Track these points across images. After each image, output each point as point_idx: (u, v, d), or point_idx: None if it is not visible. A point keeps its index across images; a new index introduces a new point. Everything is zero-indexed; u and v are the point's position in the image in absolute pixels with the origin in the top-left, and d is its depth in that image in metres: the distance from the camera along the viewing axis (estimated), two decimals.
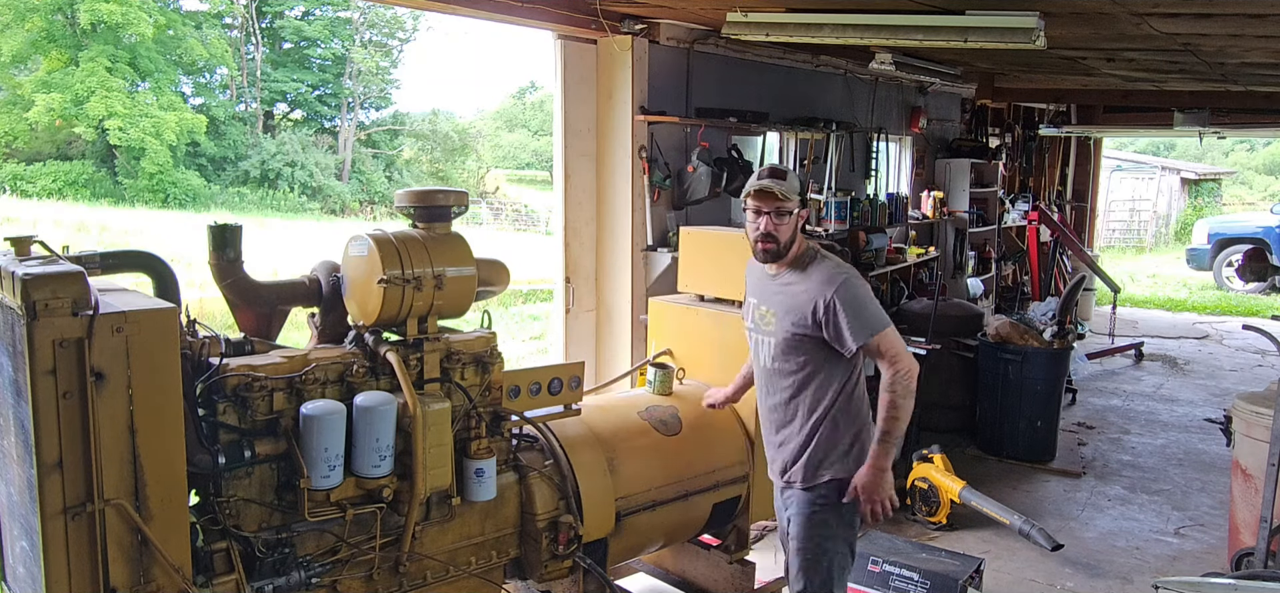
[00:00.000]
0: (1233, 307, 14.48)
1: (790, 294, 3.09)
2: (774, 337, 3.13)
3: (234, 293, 2.78)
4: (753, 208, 3.08)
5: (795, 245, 3.11)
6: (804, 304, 3.03)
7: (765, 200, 3.03)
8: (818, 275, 3.05)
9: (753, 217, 3.07)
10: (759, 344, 3.23)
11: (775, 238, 3.05)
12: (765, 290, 3.20)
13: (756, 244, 3.08)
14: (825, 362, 3.08)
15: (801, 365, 3.11)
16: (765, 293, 3.20)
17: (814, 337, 3.03)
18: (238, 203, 28.99)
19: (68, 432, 2.10)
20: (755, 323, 3.24)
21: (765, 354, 3.19)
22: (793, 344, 3.08)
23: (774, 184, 3.02)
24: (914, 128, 8.72)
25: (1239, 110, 10.18)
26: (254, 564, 2.52)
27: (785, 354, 3.11)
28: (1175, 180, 25.69)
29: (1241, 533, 4.63)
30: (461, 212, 3.00)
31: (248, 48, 33.75)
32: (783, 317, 3.09)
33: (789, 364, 3.12)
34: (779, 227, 3.04)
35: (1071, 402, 8.18)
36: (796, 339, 3.06)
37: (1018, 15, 4.50)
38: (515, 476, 3.17)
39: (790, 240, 3.08)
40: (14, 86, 28.22)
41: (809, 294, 3.02)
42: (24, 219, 18.79)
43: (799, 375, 3.12)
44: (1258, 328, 5.57)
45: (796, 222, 3.08)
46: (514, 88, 54.66)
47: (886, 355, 3.01)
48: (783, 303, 3.10)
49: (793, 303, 3.07)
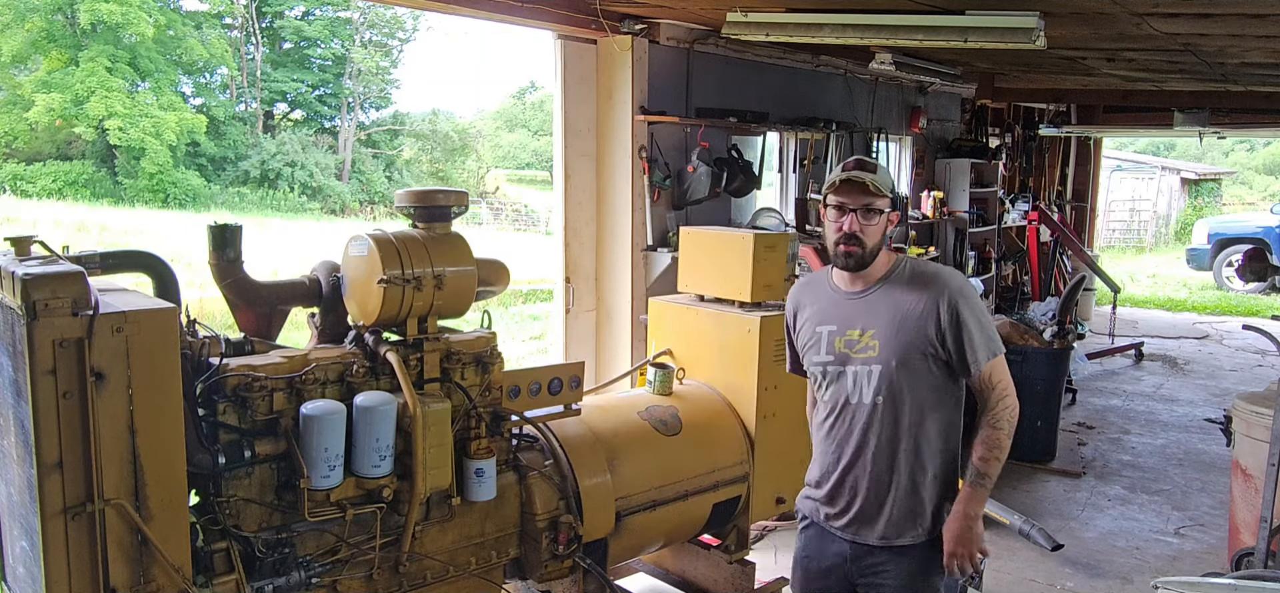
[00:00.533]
0: (1233, 307, 14.48)
1: (896, 306, 2.56)
2: (881, 364, 2.55)
3: (234, 293, 2.78)
4: (835, 203, 2.57)
5: (882, 255, 2.61)
6: (921, 315, 2.52)
7: (852, 194, 2.53)
8: (925, 280, 2.57)
9: (834, 215, 2.57)
10: (852, 379, 2.61)
11: (861, 241, 2.53)
12: (850, 311, 2.63)
13: (836, 248, 2.57)
14: (940, 388, 2.58)
15: (919, 396, 2.57)
16: (851, 313, 2.63)
17: (934, 356, 2.53)
18: (238, 203, 28.99)
19: (68, 432, 2.10)
20: (839, 353, 2.63)
21: (865, 388, 2.59)
22: (911, 369, 2.54)
23: (864, 175, 2.52)
24: (914, 128, 8.72)
25: (1239, 110, 10.17)
26: (254, 564, 2.52)
27: (899, 383, 2.55)
28: (1175, 180, 25.69)
29: (1241, 533, 4.63)
30: (461, 212, 3.00)
31: (248, 48, 33.74)
32: (893, 335, 2.54)
33: (903, 396, 2.56)
34: (866, 228, 2.53)
35: (1071, 402, 8.18)
36: (916, 361, 2.53)
37: (1018, 15, 4.50)
38: (515, 476, 3.17)
39: (877, 248, 2.57)
40: (14, 86, 28.22)
41: (924, 302, 2.53)
42: (24, 219, 18.79)
43: (915, 410, 2.57)
44: (1258, 328, 5.57)
45: (886, 225, 2.58)
46: (514, 88, 54.73)
47: (998, 384, 2.55)
48: (888, 318, 2.56)
49: (902, 316, 2.54)
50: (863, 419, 2.62)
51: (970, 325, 2.50)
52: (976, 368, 2.52)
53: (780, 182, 7.16)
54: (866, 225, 2.53)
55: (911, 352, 2.52)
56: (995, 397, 2.56)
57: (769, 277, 3.84)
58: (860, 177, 2.52)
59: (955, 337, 2.51)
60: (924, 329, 2.51)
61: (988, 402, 2.57)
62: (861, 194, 2.53)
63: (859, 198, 2.53)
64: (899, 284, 2.59)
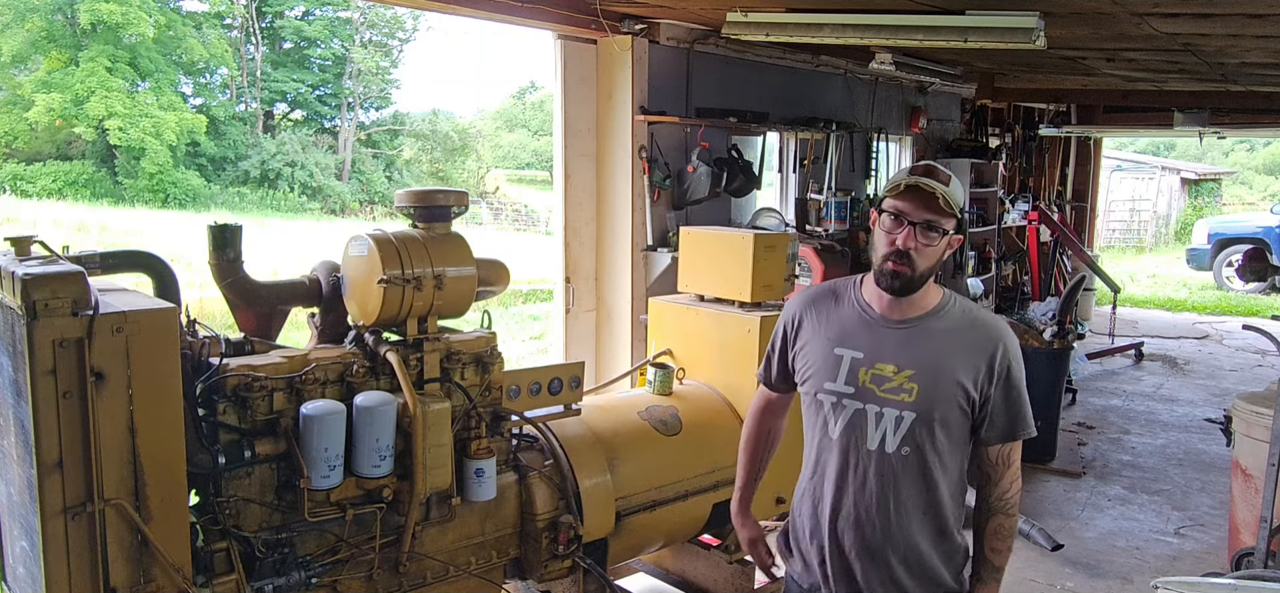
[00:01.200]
0: (1233, 307, 14.49)
1: (943, 349, 2.19)
2: (916, 411, 2.18)
3: (234, 293, 2.78)
4: (892, 209, 2.15)
5: (931, 284, 2.23)
6: (971, 360, 2.18)
7: (916, 204, 2.12)
8: (982, 327, 2.22)
9: (889, 223, 2.15)
10: (874, 420, 2.22)
11: (912, 262, 2.13)
12: (885, 341, 2.23)
13: (884, 263, 2.16)
14: (962, 448, 2.25)
15: (944, 455, 2.22)
16: (885, 344, 2.22)
17: (966, 413, 2.20)
18: (238, 203, 28.98)
19: (68, 432, 2.10)
20: (862, 386, 2.23)
21: (889, 434, 2.20)
22: (947, 424, 2.19)
23: (935, 184, 2.11)
24: (914, 128, 8.73)
25: (1239, 110, 10.18)
26: (254, 564, 2.52)
27: (931, 437, 2.19)
28: (1175, 180, 25.69)
29: (1241, 533, 4.63)
30: (461, 212, 3.00)
31: (248, 48, 33.74)
32: (935, 382, 2.17)
33: (929, 452, 2.20)
34: (923, 248, 2.13)
35: (1071, 402, 8.18)
36: (954, 416, 2.19)
37: (1018, 15, 4.50)
38: (515, 475, 3.16)
39: (929, 272, 2.18)
40: (14, 86, 28.22)
41: (976, 352, 2.18)
42: (24, 219, 18.79)
43: (940, 469, 2.22)
44: (1258, 328, 5.58)
45: (946, 249, 2.18)
46: (514, 88, 54.70)
47: (1015, 464, 2.26)
48: (933, 361, 2.18)
49: (950, 363, 2.17)
50: (878, 468, 2.23)
51: (1016, 393, 2.21)
52: (1003, 439, 2.22)
53: (780, 182, 7.16)
54: (924, 245, 2.13)
55: (952, 405, 2.18)
56: (1009, 477, 2.26)
57: (769, 277, 3.84)
58: (930, 185, 2.10)
59: (1000, 400, 2.19)
60: (968, 382, 2.17)
61: (998, 482, 2.25)
62: (927, 207, 2.11)
63: (922, 211, 2.11)
64: (950, 324, 2.22)
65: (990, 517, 2.27)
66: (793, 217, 6.85)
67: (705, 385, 3.94)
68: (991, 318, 2.28)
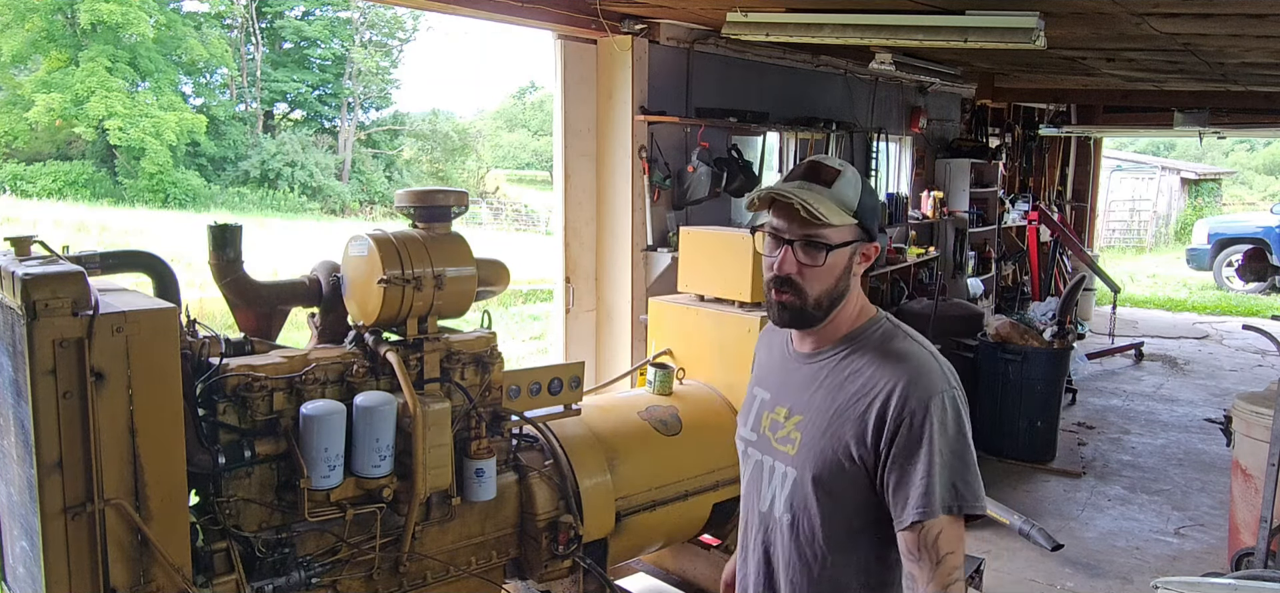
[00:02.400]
0: (1233, 307, 14.49)
1: (838, 389, 1.74)
2: (796, 470, 1.77)
3: (234, 293, 2.77)
4: (770, 229, 1.75)
5: (847, 307, 1.77)
6: (859, 407, 1.69)
7: (792, 219, 1.70)
8: (892, 359, 1.70)
9: (769, 246, 1.76)
10: (762, 472, 1.87)
11: (798, 289, 1.72)
12: (790, 379, 1.85)
13: (768, 294, 1.76)
14: (861, 523, 1.74)
15: (831, 527, 1.75)
16: (789, 382, 1.85)
17: (863, 471, 1.69)
18: (238, 203, 28.99)
19: (68, 432, 2.10)
20: (762, 434, 1.88)
21: (778, 494, 1.81)
22: (829, 489, 1.73)
23: (804, 192, 1.68)
24: (914, 128, 8.73)
25: (1239, 110, 10.18)
26: (254, 564, 2.52)
27: (813, 503, 1.75)
28: (1175, 180, 25.69)
29: (1241, 533, 4.63)
30: (461, 212, 3.00)
31: (248, 48, 33.75)
32: (820, 433, 1.74)
33: (813, 521, 1.76)
34: (808, 270, 1.71)
35: (1071, 402, 8.18)
36: (837, 471, 1.71)
37: (1018, 15, 4.50)
38: (515, 476, 3.17)
39: (830, 296, 1.73)
40: (14, 86, 28.23)
41: (870, 391, 1.68)
42: (24, 219, 18.79)
43: (822, 545, 1.76)
44: (1258, 328, 5.58)
45: (849, 264, 1.74)
46: (514, 88, 54.74)
47: (945, 553, 1.62)
48: (823, 404, 1.75)
49: (841, 405, 1.72)
50: (762, 534, 1.87)
51: (925, 457, 1.61)
52: (915, 515, 1.62)
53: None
54: (808, 265, 1.70)
55: (833, 465, 1.71)
56: (942, 571, 1.61)
57: None
58: (798, 194, 1.67)
59: (898, 465, 1.64)
60: (851, 436, 1.68)
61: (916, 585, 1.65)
62: (800, 221, 1.69)
63: (801, 226, 1.69)
64: (856, 359, 1.74)
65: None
66: None
67: (705, 385, 3.94)
68: (907, 351, 1.71)
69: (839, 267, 1.72)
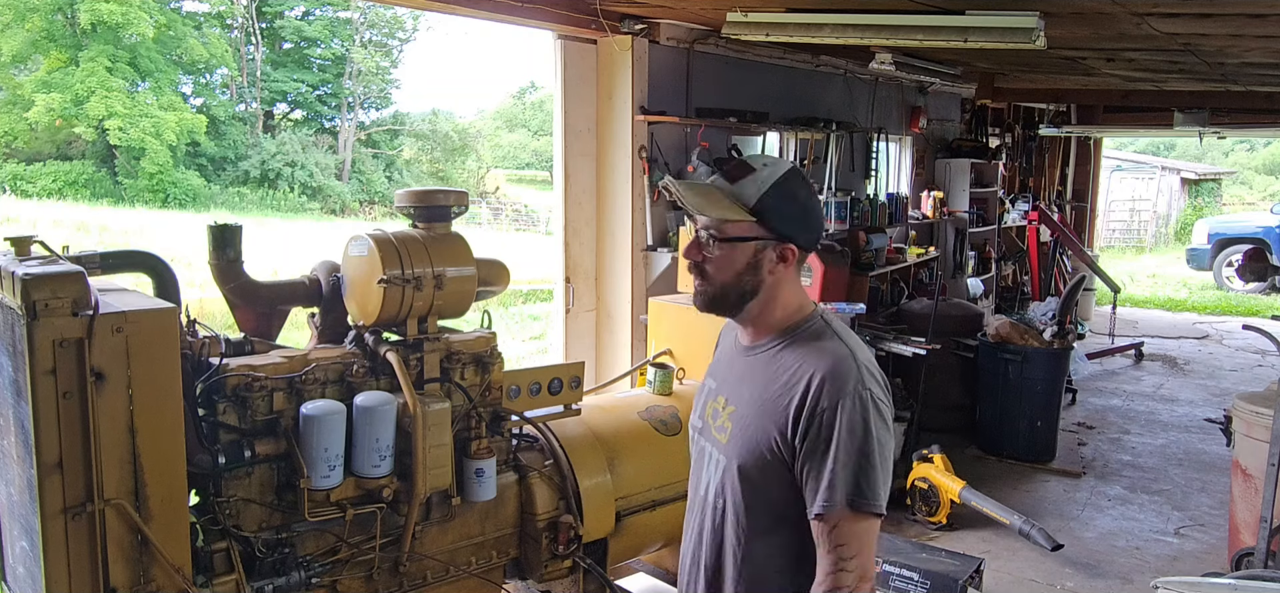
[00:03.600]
0: (1233, 307, 14.48)
1: (769, 382, 1.79)
2: (727, 453, 1.84)
3: (234, 293, 2.78)
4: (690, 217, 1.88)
5: (777, 303, 1.83)
6: (784, 398, 1.74)
7: (700, 206, 1.79)
8: (812, 354, 1.76)
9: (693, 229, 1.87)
10: (703, 459, 1.95)
11: (707, 275, 1.83)
12: (732, 369, 1.93)
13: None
14: (793, 509, 1.76)
15: (755, 517, 1.81)
16: (731, 373, 1.93)
17: (782, 462, 1.75)
18: (238, 203, 28.99)
19: (68, 432, 2.10)
20: (705, 421, 1.97)
21: (712, 480, 1.89)
22: (754, 469, 1.79)
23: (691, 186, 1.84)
24: (914, 128, 8.73)
25: (1239, 110, 10.18)
26: (254, 564, 2.52)
27: (741, 491, 1.81)
28: (1175, 180, 25.69)
29: (1241, 533, 4.63)
30: (461, 212, 3.00)
31: (248, 48, 33.75)
32: (748, 423, 1.81)
33: (740, 509, 1.82)
34: (712, 259, 1.80)
35: (1071, 402, 8.18)
36: (761, 461, 1.77)
37: (1018, 15, 4.50)
38: (515, 476, 3.17)
39: (737, 289, 1.81)
40: (14, 86, 28.22)
41: (794, 382, 1.74)
42: (24, 219, 18.78)
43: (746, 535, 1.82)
44: (1258, 328, 5.58)
45: (755, 260, 1.79)
46: (514, 88, 54.67)
47: (839, 546, 1.69)
48: (754, 396, 1.82)
49: (768, 398, 1.78)
50: (699, 519, 1.94)
51: (839, 442, 1.67)
52: (819, 508, 1.69)
53: None
54: (711, 256, 1.80)
55: (758, 454, 1.77)
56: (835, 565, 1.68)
57: None
58: (680, 191, 1.77)
59: (810, 453, 1.70)
60: (774, 426, 1.75)
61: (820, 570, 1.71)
62: (709, 206, 1.77)
63: (703, 217, 1.79)
64: (792, 350, 1.80)
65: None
66: None
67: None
68: (829, 348, 1.76)
69: (740, 261, 1.79)
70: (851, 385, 1.70)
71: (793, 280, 1.84)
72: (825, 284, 5.93)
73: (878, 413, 1.72)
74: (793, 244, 1.81)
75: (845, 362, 1.74)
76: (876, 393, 1.73)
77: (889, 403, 1.77)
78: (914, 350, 5.86)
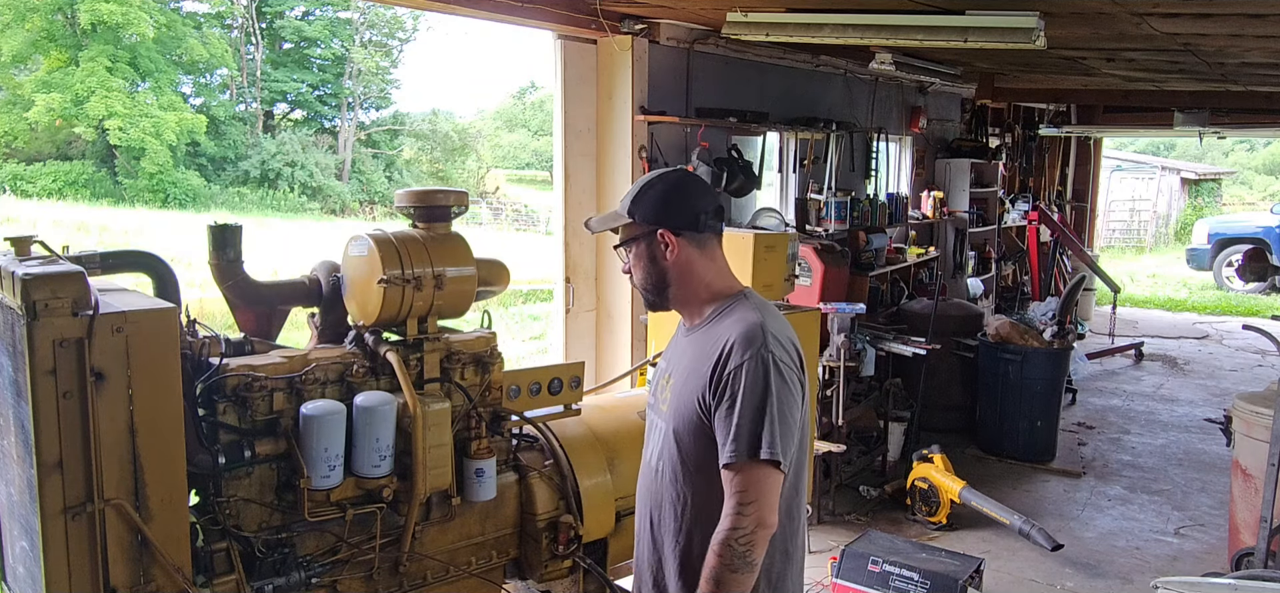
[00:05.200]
0: (1233, 307, 14.49)
1: (697, 355, 2.05)
2: (665, 419, 2.12)
3: (234, 293, 2.77)
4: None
5: (701, 287, 2.11)
6: (704, 366, 1.99)
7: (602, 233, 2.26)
8: (724, 327, 2.02)
9: None
10: (651, 430, 2.25)
11: (636, 283, 2.21)
12: (675, 351, 2.23)
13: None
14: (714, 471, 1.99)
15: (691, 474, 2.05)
16: (676, 353, 2.21)
17: (706, 419, 2.00)
18: (238, 203, 29.00)
19: (68, 432, 2.10)
20: (656, 398, 2.25)
21: (657, 448, 2.16)
22: (684, 430, 2.04)
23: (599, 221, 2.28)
24: (914, 128, 8.73)
25: (1239, 110, 10.19)
26: (254, 564, 2.52)
27: (677, 454, 2.07)
28: (1175, 180, 25.69)
29: (1241, 533, 4.63)
30: (461, 212, 3.00)
31: (248, 48, 33.75)
32: (679, 391, 2.08)
33: (680, 472, 2.07)
34: (630, 266, 2.20)
35: (1071, 402, 8.18)
36: (691, 421, 2.02)
37: (1018, 15, 4.50)
38: (515, 476, 3.16)
39: (652, 283, 2.14)
40: (14, 86, 28.23)
41: (712, 352, 1.99)
42: (24, 219, 18.79)
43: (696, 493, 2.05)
44: (1258, 328, 5.58)
45: (651, 252, 2.12)
46: (514, 88, 54.66)
47: (739, 492, 1.89)
48: (686, 369, 2.08)
49: (697, 362, 2.04)
50: (649, 486, 2.18)
51: (738, 404, 1.90)
52: (726, 458, 1.91)
53: (780, 182, 7.16)
54: (627, 265, 2.21)
55: (690, 417, 2.02)
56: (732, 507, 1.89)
57: (769, 277, 3.84)
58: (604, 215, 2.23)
59: (721, 411, 1.94)
60: (697, 392, 2.00)
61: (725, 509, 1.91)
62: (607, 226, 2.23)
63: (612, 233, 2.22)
64: (719, 323, 2.06)
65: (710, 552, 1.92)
66: (793, 217, 6.85)
67: None
68: (743, 318, 2.01)
69: (642, 259, 2.13)
70: (756, 347, 1.93)
71: (702, 262, 2.11)
72: (825, 284, 5.94)
73: (778, 373, 1.92)
74: (665, 228, 2.08)
75: (754, 328, 1.96)
76: (779, 355, 1.94)
77: (793, 365, 1.99)
78: (914, 350, 5.86)
